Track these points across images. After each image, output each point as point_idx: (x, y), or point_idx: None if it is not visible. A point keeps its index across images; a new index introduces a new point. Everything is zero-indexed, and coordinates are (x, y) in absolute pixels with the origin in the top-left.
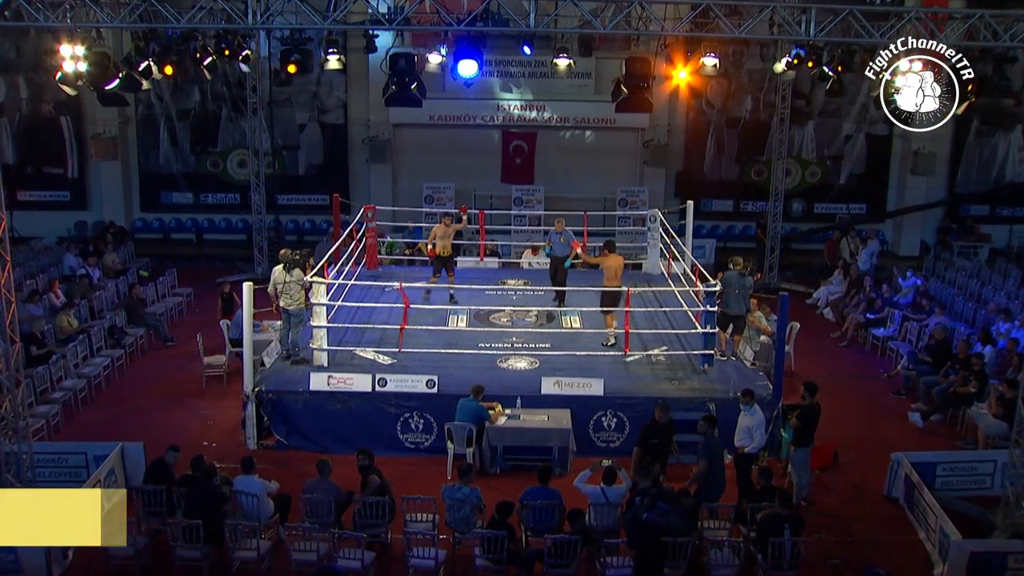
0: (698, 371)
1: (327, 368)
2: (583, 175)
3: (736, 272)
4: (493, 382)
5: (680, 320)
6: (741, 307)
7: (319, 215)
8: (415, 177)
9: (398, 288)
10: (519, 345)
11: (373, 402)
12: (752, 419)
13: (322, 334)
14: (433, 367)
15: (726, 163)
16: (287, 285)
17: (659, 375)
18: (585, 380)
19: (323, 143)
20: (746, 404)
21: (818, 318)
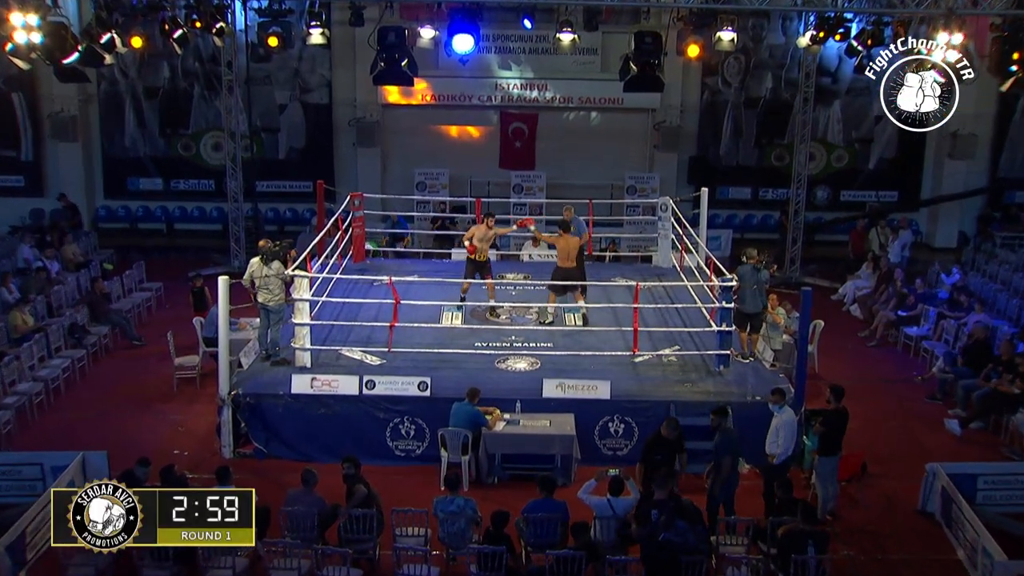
0: (713, 373)
1: (310, 369)
2: (588, 160)
3: (750, 266)
4: (490, 384)
5: (693, 318)
6: (757, 304)
7: (301, 203)
8: (406, 162)
9: (387, 283)
10: (519, 344)
11: (360, 406)
12: (779, 418)
13: (305, 332)
14: (425, 368)
15: (744, 147)
16: (266, 279)
17: (670, 377)
18: (590, 382)
19: (305, 125)
20: (776, 403)
21: (844, 315)
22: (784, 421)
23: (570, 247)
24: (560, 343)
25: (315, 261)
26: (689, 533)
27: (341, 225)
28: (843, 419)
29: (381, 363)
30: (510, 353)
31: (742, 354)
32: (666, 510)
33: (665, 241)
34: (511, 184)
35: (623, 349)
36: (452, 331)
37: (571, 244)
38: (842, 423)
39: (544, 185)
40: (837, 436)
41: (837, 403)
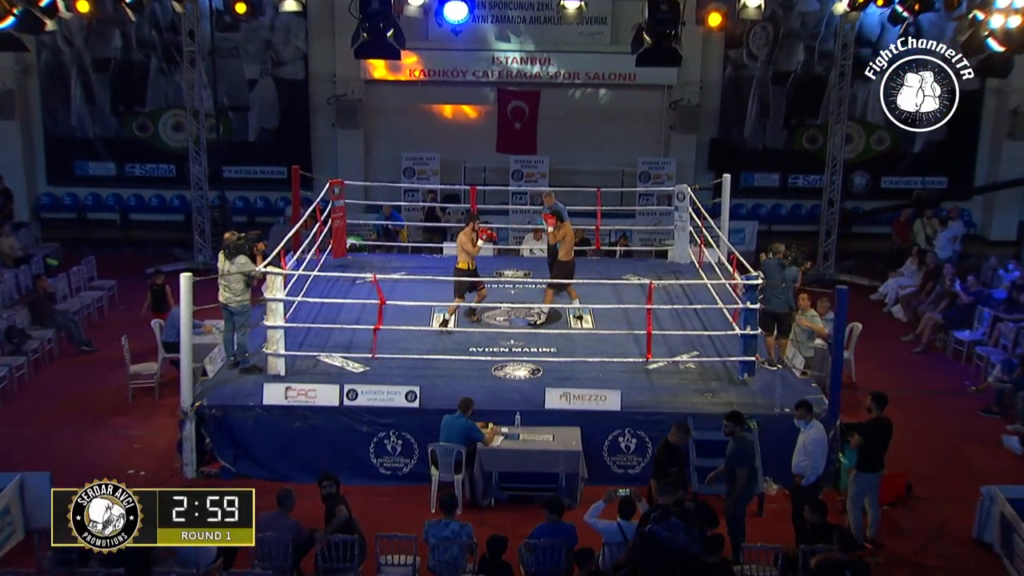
0: (736, 382)
1: (284, 378)
2: (596, 143)
3: (776, 260)
4: (487, 394)
5: (714, 320)
6: (784, 304)
7: (274, 191)
8: (392, 146)
9: (371, 281)
10: (518, 350)
11: (341, 419)
12: (807, 435)
13: (278, 336)
14: (414, 376)
15: (772, 128)
16: (227, 276)
17: (688, 386)
18: (598, 392)
19: (278, 103)
20: (802, 419)
21: (885, 317)
22: (812, 438)
23: (570, 238)
24: (565, 348)
25: (290, 256)
26: (681, 532)
27: (319, 216)
28: (885, 430)
29: (364, 371)
30: (508, 359)
31: (769, 361)
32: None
33: (682, 234)
34: (510, 170)
35: (635, 355)
36: (444, 335)
37: (570, 234)
38: (884, 435)
39: (547, 171)
40: (878, 450)
41: (879, 412)
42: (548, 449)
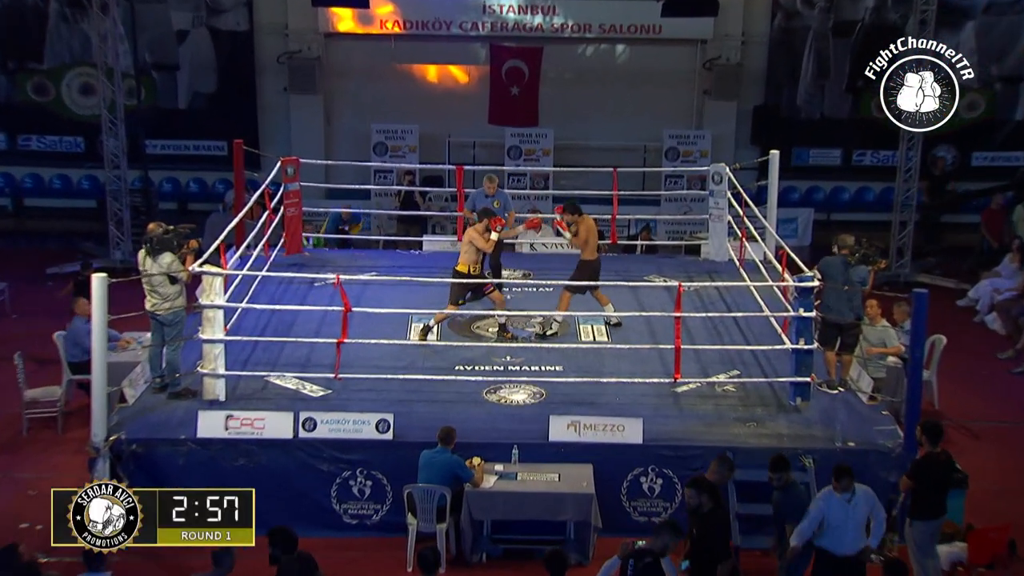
0: (787, 408)
1: (224, 404)
2: (612, 113)
3: (840, 258)
4: (477, 423)
5: (759, 331)
6: (847, 311)
7: (211, 171)
8: (359, 115)
9: (334, 283)
10: (516, 368)
11: (295, 455)
12: (847, 513)
13: (216, 353)
14: (387, 401)
15: (832, 92)
16: (153, 278)
17: (727, 414)
18: (615, 420)
19: (216, 61)
20: (844, 491)
21: (977, 328)
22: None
23: (593, 232)
24: (574, 365)
25: (232, 253)
26: None
27: (269, 203)
28: (940, 469)
29: (325, 394)
30: (504, 380)
31: (828, 382)
32: None
33: (719, 225)
34: (505, 146)
35: (661, 375)
36: (424, 350)
37: (593, 228)
38: (939, 474)
39: (550, 147)
40: (933, 493)
41: (932, 446)
42: (553, 491)
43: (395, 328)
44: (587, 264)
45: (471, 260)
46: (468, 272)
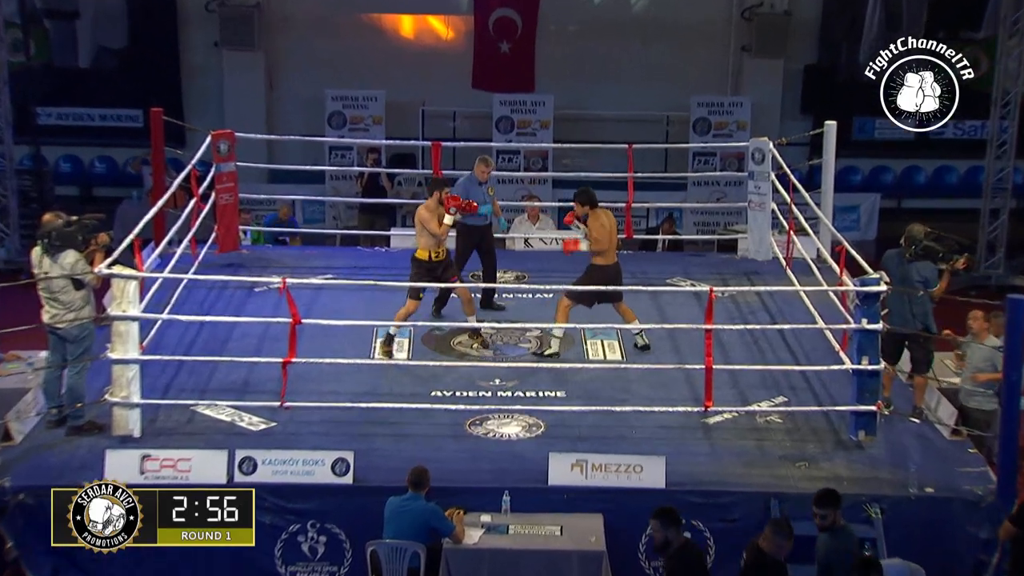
0: (847, 444)
1: (139, 441)
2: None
3: (895, 252)
4: (457, 463)
5: (811, 347)
6: (910, 318)
7: (122, 148)
8: (310, 78)
9: (279, 289)
10: (507, 394)
11: None
12: None
13: (130, 376)
14: (345, 436)
15: None
16: (52, 282)
17: (771, 451)
18: (631, 459)
19: (127, 8)
20: None
21: None
22: None
23: (612, 229)
24: (579, 390)
25: (149, 251)
26: None
27: (196, 188)
28: None
29: (267, 428)
30: (492, 409)
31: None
32: None
33: (760, 215)
34: (493, 117)
35: (688, 402)
36: (391, 371)
37: (612, 221)
38: None
39: (550, 118)
40: None
41: None
42: (554, 548)
43: (356, 344)
44: (598, 271)
45: (429, 245)
46: (428, 259)
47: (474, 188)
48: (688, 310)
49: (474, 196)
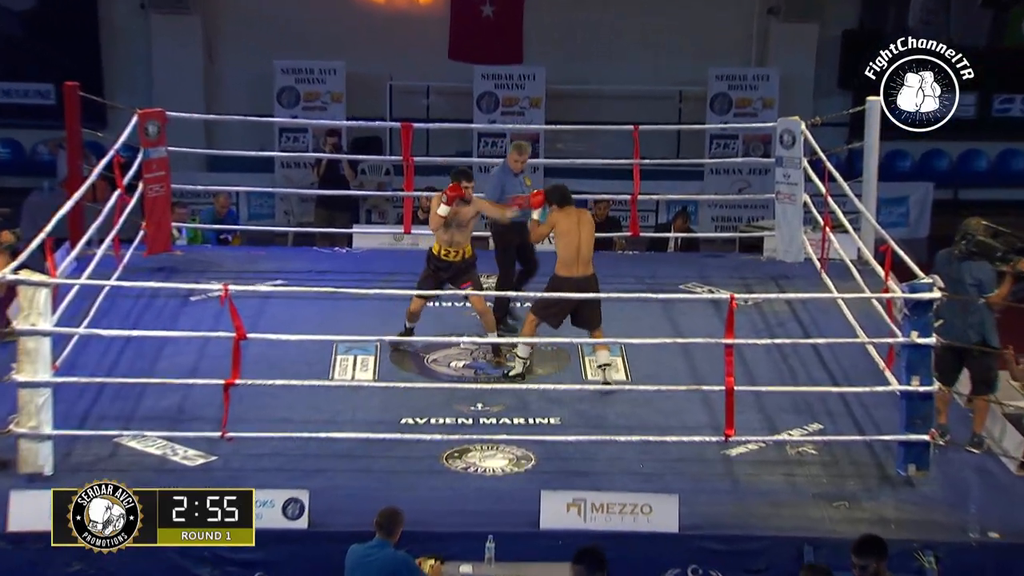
0: (895, 480)
1: (52, 479)
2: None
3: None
4: (432, 504)
5: (851, 365)
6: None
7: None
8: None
9: (220, 297)
10: (491, 420)
11: (162, 556)
12: None
13: (41, 402)
14: (298, 472)
15: (961, 9)
16: None
17: (803, 488)
18: (638, 498)
19: None
20: None
21: None
22: None
23: (582, 231)
24: (577, 416)
25: (64, 253)
26: None
27: (120, 178)
28: None
29: (206, 463)
30: (473, 439)
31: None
32: None
33: (791, 209)
34: (474, 94)
35: (705, 431)
36: (354, 393)
37: (583, 225)
38: None
39: (541, 95)
40: None
41: None
42: None
43: (312, 363)
44: (562, 280)
45: (442, 240)
46: (438, 255)
47: (509, 180)
48: (705, 321)
49: (510, 190)
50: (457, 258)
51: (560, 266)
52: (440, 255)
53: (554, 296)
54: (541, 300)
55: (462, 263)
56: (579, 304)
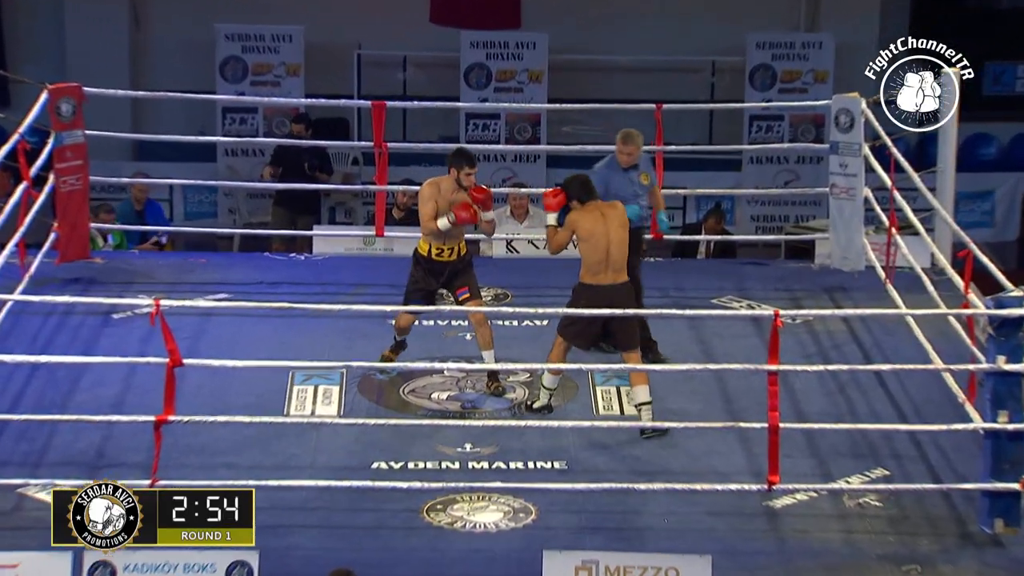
0: (979, 539)
1: None
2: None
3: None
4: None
5: (922, 397)
6: None
7: None
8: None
9: (150, 314)
10: (482, 465)
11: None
12: None
13: None
14: None
15: None
16: None
17: (865, 548)
18: (662, 560)
19: None
20: None
21: None
22: None
23: (610, 228)
24: (585, 459)
25: None
26: None
27: (26, 168)
28: None
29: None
30: (462, 487)
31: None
32: None
33: (848, 205)
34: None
35: (744, 477)
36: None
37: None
38: None
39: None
40: None
41: None
42: None
43: (263, 395)
44: (585, 292)
45: (431, 236)
46: (429, 255)
47: (616, 178)
48: (743, 343)
49: (617, 190)
50: (452, 257)
51: (585, 272)
52: (432, 256)
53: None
54: (564, 317)
55: (458, 263)
56: (609, 319)
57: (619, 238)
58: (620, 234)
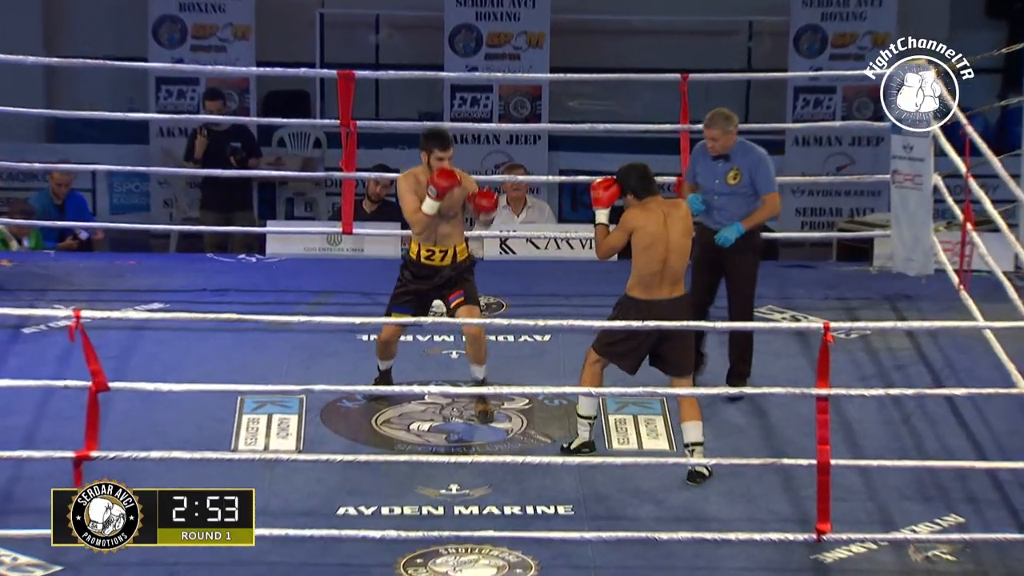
0: None
1: None
2: None
3: None
4: None
5: (1005, 428)
6: None
7: None
8: None
9: (69, 328)
10: (469, 510)
11: None
12: None
13: None
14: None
15: None
16: None
17: None
18: None
19: None
20: None
21: None
22: None
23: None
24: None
25: None
26: None
27: None
28: None
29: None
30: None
31: None
32: None
33: (914, 196)
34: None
35: (790, 525)
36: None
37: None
38: None
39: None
40: None
41: None
42: None
43: (205, 426)
44: (633, 307)
45: (418, 235)
46: (418, 258)
47: (704, 167)
48: (787, 362)
49: (704, 179)
50: (446, 261)
51: (635, 283)
52: (421, 259)
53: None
54: (605, 333)
55: (452, 268)
56: (660, 338)
57: (680, 246)
58: (682, 242)
